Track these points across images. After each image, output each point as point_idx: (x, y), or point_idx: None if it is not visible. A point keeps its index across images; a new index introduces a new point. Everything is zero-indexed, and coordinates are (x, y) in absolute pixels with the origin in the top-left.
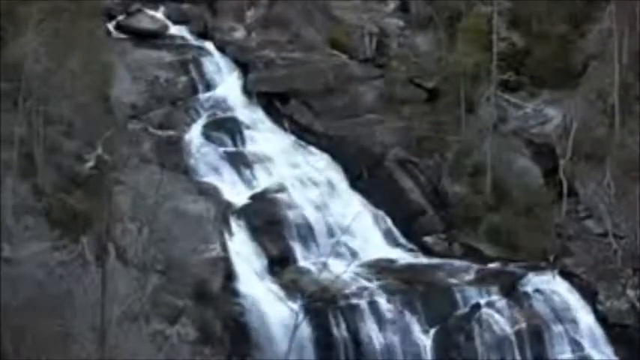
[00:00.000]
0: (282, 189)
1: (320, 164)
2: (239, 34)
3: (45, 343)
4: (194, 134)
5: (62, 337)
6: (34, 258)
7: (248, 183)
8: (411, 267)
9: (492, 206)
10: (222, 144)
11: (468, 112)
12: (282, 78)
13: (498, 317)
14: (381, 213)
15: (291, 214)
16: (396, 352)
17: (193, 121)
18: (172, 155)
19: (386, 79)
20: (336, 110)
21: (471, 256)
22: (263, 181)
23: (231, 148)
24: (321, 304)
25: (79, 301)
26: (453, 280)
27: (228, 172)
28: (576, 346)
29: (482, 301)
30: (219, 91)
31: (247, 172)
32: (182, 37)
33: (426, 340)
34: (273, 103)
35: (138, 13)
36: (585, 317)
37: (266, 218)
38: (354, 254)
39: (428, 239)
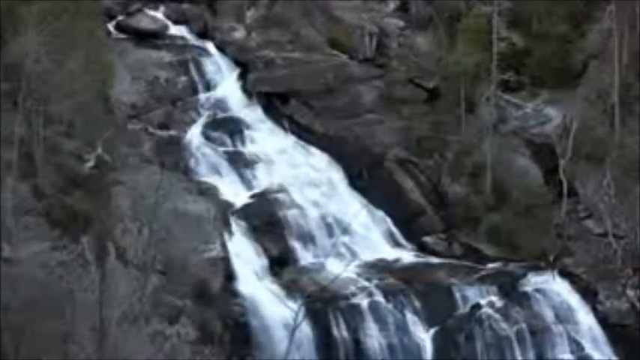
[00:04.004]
0: (282, 189)
1: (320, 164)
2: (239, 34)
3: (45, 343)
4: (194, 134)
5: (62, 337)
6: (34, 258)
7: (248, 183)
8: (411, 267)
9: (492, 206)
10: (222, 144)
11: (468, 112)
12: (282, 78)
13: (498, 317)
14: (381, 213)
15: (291, 214)
16: (396, 352)
17: (193, 121)
18: (172, 155)
19: (386, 79)
20: (336, 110)
21: (471, 256)
22: (263, 181)
23: (231, 148)
24: (321, 304)
25: (79, 301)
26: (453, 280)
27: (228, 172)
28: (576, 346)
29: (483, 301)
30: (219, 91)
31: (247, 172)
32: (182, 37)
33: (426, 340)
34: (273, 103)
35: (138, 13)
36: (585, 317)
37: (266, 218)
38: (353, 254)
39: (428, 239)
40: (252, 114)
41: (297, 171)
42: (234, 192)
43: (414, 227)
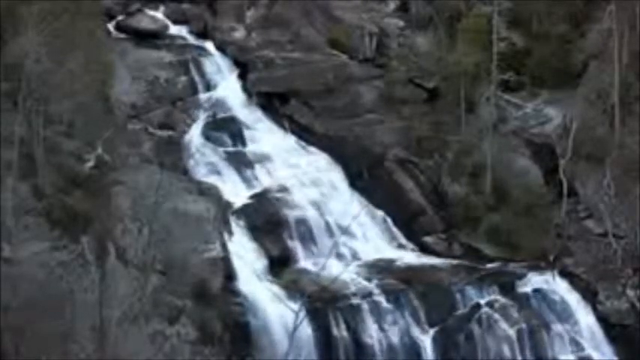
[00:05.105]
0: (282, 189)
1: (320, 164)
2: (239, 34)
3: (45, 343)
4: (194, 134)
5: (62, 337)
6: (34, 258)
7: (248, 183)
8: (411, 267)
9: (492, 206)
10: (222, 144)
11: (468, 112)
12: (282, 78)
13: (498, 317)
14: (381, 213)
15: (291, 214)
16: (396, 352)
17: (193, 121)
18: (172, 155)
19: (386, 79)
20: (336, 110)
21: (470, 256)
22: (263, 181)
23: (231, 148)
24: (321, 304)
25: (79, 301)
26: (453, 280)
27: (228, 172)
28: (576, 346)
29: (482, 301)
30: (219, 91)
31: (247, 172)
32: (182, 37)
33: (426, 340)
34: (273, 103)
35: (138, 13)
36: (585, 317)
37: (266, 218)
38: (354, 254)
39: (428, 239)
40: (252, 114)
41: (297, 171)
42: (234, 192)
43: (414, 227)
